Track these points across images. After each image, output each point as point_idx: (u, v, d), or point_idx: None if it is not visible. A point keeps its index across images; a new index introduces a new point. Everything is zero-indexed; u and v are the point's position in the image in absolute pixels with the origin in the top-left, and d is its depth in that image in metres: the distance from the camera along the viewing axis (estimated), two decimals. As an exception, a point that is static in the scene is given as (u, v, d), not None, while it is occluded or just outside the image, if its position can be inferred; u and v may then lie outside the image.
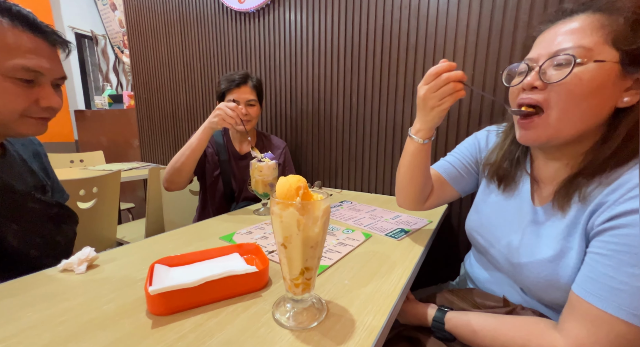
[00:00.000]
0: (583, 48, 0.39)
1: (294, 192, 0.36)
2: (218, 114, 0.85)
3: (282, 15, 1.21)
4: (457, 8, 0.87)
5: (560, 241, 0.43)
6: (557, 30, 0.42)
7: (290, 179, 0.37)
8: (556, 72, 0.41)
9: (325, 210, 0.37)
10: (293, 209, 0.35)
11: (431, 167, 0.66)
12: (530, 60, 0.44)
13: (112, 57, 3.21)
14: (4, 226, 0.53)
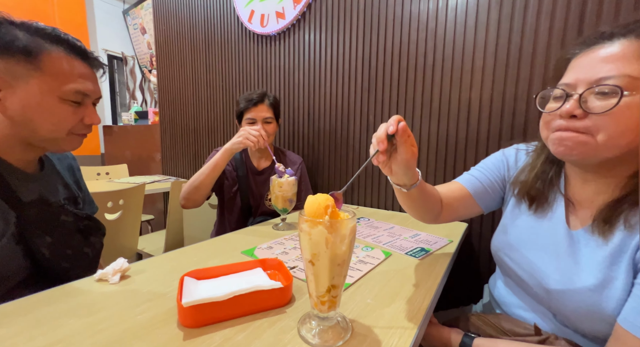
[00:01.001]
0: (629, 77, 0.37)
1: (322, 210, 0.38)
2: (242, 134, 0.90)
3: (301, 38, 1.28)
4: (474, 31, 0.89)
5: (603, 270, 0.41)
6: (596, 55, 0.40)
7: (319, 197, 0.39)
8: (599, 102, 0.39)
9: (352, 228, 0.39)
10: (322, 227, 0.37)
11: (455, 180, 0.65)
12: (567, 86, 0.42)
13: (139, 76, 3.42)
14: (39, 239, 0.56)
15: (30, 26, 0.51)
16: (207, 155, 1.77)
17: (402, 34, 1.03)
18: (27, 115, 0.51)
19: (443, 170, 0.99)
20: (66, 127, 0.55)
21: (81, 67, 0.56)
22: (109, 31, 3.36)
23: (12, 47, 0.49)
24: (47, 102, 0.52)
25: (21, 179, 0.56)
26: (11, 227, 0.51)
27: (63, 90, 0.53)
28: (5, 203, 0.51)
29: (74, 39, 0.56)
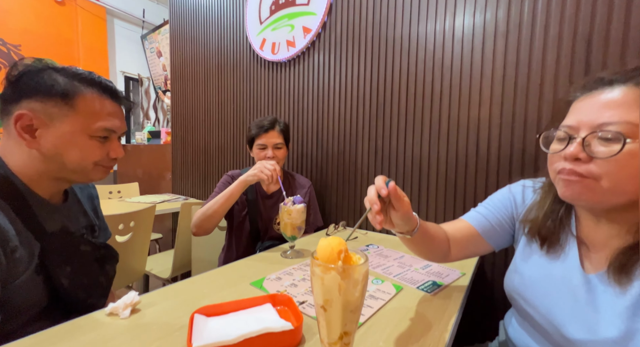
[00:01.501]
0: (631, 124, 0.38)
1: (335, 255, 0.38)
2: (257, 167, 0.93)
3: (310, 64, 1.32)
4: (481, 62, 0.91)
5: (625, 321, 0.39)
6: (597, 100, 0.41)
7: (332, 242, 0.39)
8: (603, 147, 0.39)
9: (365, 274, 0.38)
10: (335, 272, 0.37)
11: (462, 218, 0.64)
12: (570, 128, 0.43)
13: (153, 96, 3.56)
14: (60, 269, 0.57)
15: (69, 71, 0.55)
16: (216, 176, 1.80)
17: (409, 63, 1.06)
18: (57, 151, 0.54)
19: (453, 199, 0.98)
20: (92, 160, 0.58)
21: (110, 105, 0.59)
22: (127, 54, 3.55)
23: (52, 91, 0.52)
24: (77, 139, 0.55)
25: (47, 210, 0.58)
26: (35, 259, 0.52)
27: (93, 128, 0.56)
28: (31, 234, 0.53)
29: (106, 80, 0.60)
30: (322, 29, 1.28)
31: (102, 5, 3.22)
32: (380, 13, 1.12)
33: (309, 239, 1.05)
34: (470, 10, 0.93)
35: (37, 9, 2.78)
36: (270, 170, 0.93)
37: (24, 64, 0.55)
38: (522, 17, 0.84)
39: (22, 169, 0.55)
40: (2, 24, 2.59)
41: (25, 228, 0.52)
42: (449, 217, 0.99)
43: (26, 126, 0.52)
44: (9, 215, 0.50)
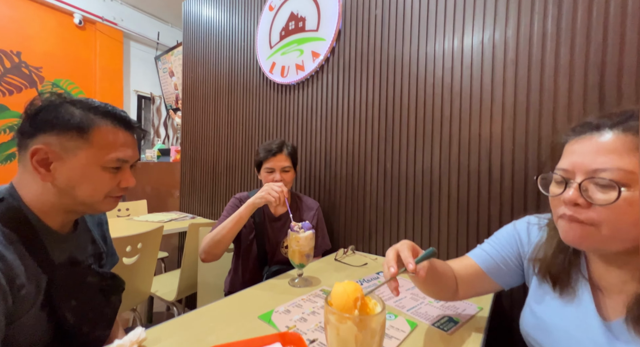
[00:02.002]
0: (624, 171, 0.38)
1: (351, 303, 0.36)
2: (265, 190, 0.93)
3: (319, 87, 1.35)
4: (491, 88, 0.91)
5: None
6: (588, 144, 0.42)
7: (348, 288, 0.38)
8: (601, 193, 0.39)
9: (382, 323, 0.37)
10: (351, 323, 0.35)
11: (468, 255, 0.63)
12: (565, 172, 0.44)
13: (164, 113, 3.65)
14: (65, 303, 0.55)
15: (85, 104, 0.56)
16: (224, 195, 1.80)
17: (417, 88, 1.07)
18: (70, 184, 0.54)
19: (466, 226, 0.95)
20: (104, 191, 0.58)
21: (124, 136, 0.59)
22: (141, 74, 3.68)
23: (68, 125, 0.53)
24: (90, 171, 0.55)
25: (56, 240, 0.57)
26: (41, 295, 0.51)
27: (106, 159, 0.56)
28: (39, 267, 0.52)
29: (121, 111, 0.61)
30: (331, 54, 1.31)
31: (119, 29, 3.38)
32: (388, 39, 1.14)
33: (316, 264, 1.02)
34: (479, 36, 0.94)
35: (59, 33, 2.94)
36: (277, 192, 0.93)
37: (43, 99, 0.56)
38: (531, 44, 0.85)
39: (36, 201, 0.55)
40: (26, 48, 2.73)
41: (33, 261, 0.52)
42: (462, 245, 0.96)
43: (41, 160, 0.53)
44: (19, 249, 0.50)
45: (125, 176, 0.61)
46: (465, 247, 0.95)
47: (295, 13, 1.44)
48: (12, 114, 2.67)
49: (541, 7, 0.84)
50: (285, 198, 0.95)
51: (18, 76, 2.69)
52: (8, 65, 2.63)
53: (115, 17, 3.34)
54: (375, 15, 1.18)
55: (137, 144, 0.64)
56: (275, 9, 1.52)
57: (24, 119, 0.55)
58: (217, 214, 1.85)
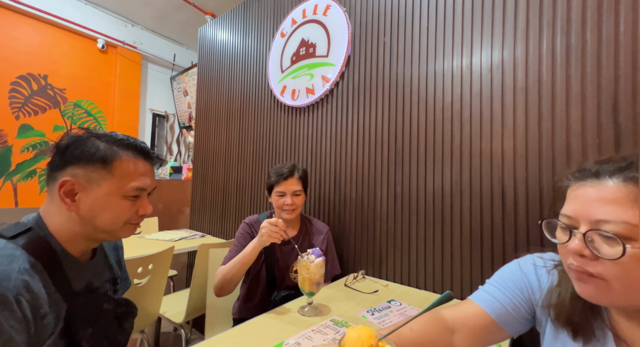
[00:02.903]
0: (628, 224, 0.36)
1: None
2: (264, 233, 0.92)
3: (329, 110, 1.37)
4: (501, 115, 0.92)
5: None
6: (589, 192, 0.40)
7: (362, 335, 0.37)
8: (607, 246, 0.37)
9: (398, 373, 0.36)
10: (366, 373, 0.34)
11: (472, 300, 0.56)
12: (569, 219, 0.42)
13: (177, 131, 3.77)
14: (82, 331, 0.56)
15: (110, 137, 0.59)
16: (233, 215, 1.82)
17: (427, 112, 1.08)
18: (92, 213, 0.56)
19: (480, 254, 0.93)
20: (123, 219, 0.60)
21: (143, 166, 0.62)
22: (157, 93, 3.84)
23: (93, 157, 0.56)
24: (111, 200, 0.57)
25: (76, 268, 0.59)
26: (60, 323, 0.52)
27: (126, 188, 0.58)
28: (60, 296, 0.54)
29: (141, 142, 0.64)
30: (341, 79, 1.35)
31: (139, 52, 3.57)
32: (396, 65, 1.17)
33: (326, 291, 1.00)
34: (487, 62, 0.96)
35: (83, 57, 3.12)
36: (277, 232, 0.91)
37: (72, 134, 0.60)
38: (540, 71, 0.86)
39: (60, 230, 0.57)
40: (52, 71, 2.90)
41: (55, 290, 0.53)
42: (476, 274, 0.93)
43: (68, 191, 0.55)
44: (43, 277, 0.52)
45: (143, 203, 0.63)
46: (479, 277, 0.93)
47: (306, 39, 1.50)
48: (36, 133, 2.80)
49: (549, 33, 0.85)
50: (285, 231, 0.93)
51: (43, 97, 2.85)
52: (35, 87, 2.80)
53: (135, 41, 3.53)
54: (384, 42, 1.22)
55: (154, 173, 0.67)
56: (286, 35, 1.59)
57: (54, 152, 0.59)
58: (226, 233, 1.86)
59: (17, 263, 0.48)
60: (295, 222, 1.17)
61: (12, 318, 0.45)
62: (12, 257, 0.49)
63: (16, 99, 2.69)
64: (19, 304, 0.46)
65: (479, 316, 0.53)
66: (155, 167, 0.68)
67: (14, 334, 0.45)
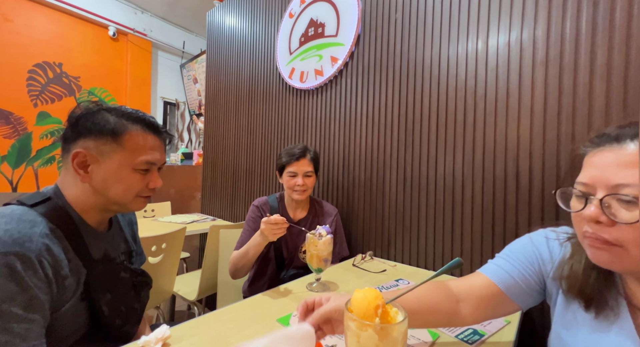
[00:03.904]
0: None
1: (372, 311, 0.36)
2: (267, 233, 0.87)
3: (338, 92, 1.35)
4: (518, 91, 0.88)
5: None
6: (608, 157, 0.39)
7: (369, 295, 0.37)
8: (625, 211, 0.36)
9: (404, 333, 0.36)
10: (372, 331, 0.34)
11: (480, 272, 0.56)
12: (584, 186, 0.41)
13: (188, 119, 3.81)
14: (101, 295, 0.59)
15: (119, 111, 0.60)
16: (243, 199, 1.84)
17: (439, 91, 1.04)
18: (105, 185, 0.58)
19: (491, 233, 0.91)
20: (134, 192, 0.61)
21: (153, 140, 0.63)
22: (167, 81, 3.87)
23: (104, 130, 0.57)
24: (122, 173, 0.59)
25: (94, 238, 0.61)
26: (80, 287, 0.55)
27: (136, 161, 0.59)
28: (80, 261, 0.56)
29: (150, 117, 0.64)
30: (350, 59, 1.32)
31: (149, 40, 3.58)
32: (408, 42, 1.13)
33: (334, 269, 1.02)
34: (505, 37, 0.91)
35: (95, 45, 3.16)
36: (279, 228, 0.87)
37: (83, 107, 0.61)
38: (563, 43, 0.81)
39: (76, 201, 0.59)
40: (67, 59, 2.96)
41: (75, 255, 0.56)
42: (487, 254, 0.92)
43: (81, 162, 0.57)
44: (63, 243, 0.54)
45: (153, 177, 0.65)
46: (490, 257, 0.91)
47: (315, 19, 1.46)
48: (53, 120, 2.89)
49: (574, 2, 0.80)
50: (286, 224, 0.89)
51: (59, 85, 2.92)
52: (51, 75, 2.86)
53: (145, 28, 3.54)
54: (395, 19, 1.17)
55: (164, 148, 0.68)
56: (295, 16, 1.55)
57: (67, 125, 0.60)
58: (236, 217, 1.89)
59: (38, 228, 0.51)
60: (304, 204, 1.18)
61: (35, 277, 0.47)
62: (33, 222, 0.51)
63: (34, 87, 2.76)
64: (41, 265, 0.48)
65: (487, 286, 0.53)
66: (165, 143, 0.69)
67: (38, 292, 0.47)
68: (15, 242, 0.46)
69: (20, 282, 0.45)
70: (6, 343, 0.43)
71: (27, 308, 0.46)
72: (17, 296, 0.45)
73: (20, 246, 0.47)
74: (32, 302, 0.47)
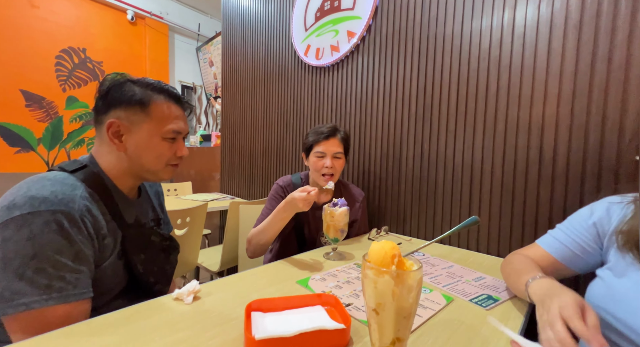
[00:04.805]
0: None
1: (389, 260, 0.38)
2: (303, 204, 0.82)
3: (354, 68, 1.33)
4: (547, 58, 0.83)
5: None
6: None
7: (385, 245, 0.39)
8: None
9: (419, 280, 0.38)
10: (388, 277, 0.36)
11: (537, 244, 0.62)
12: None
13: (205, 102, 3.88)
14: (136, 255, 0.65)
15: (143, 82, 0.63)
16: (260, 179, 1.89)
17: (460, 62, 1.01)
18: (138, 153, 0.63)
19: (510, 209, 0.90)
20: (164, 160, 0.65)
21: (176, 110, 0.66)
22: (184, 65, 3.92)
23: (132, 100, 0.61)
24: (153, 142, 0.63)
25: (126, 203, 0.67)
26: (118, 246, 0.61)
27: (164, 130, 0.63)
28: (116, 224, 0.62)
29: (172, 87, 0.67)
30: (367, 32, 1.28)
31: (165, 23, 3.61)
32: (429, 11, 1.08)
33: (350, 242, 1.05)
34: (535, 1, 0.85)
35: (115, 30, 3.23)
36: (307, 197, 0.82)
37: (109, 79, 0.65)
38: (600, 5, 0.75)
39: (111, 168, 0.64)
40: (90, 44, 3.05)
41: (111, 219, 0.61)
42: (505, 229, 0.91)
43: (115, 132, 0.61)
44: (101, 207, 0.59)
45: (180, 145, 0.68)
46: (508, 233, 0.91)
47: (331, -8, 1.42)
48: (81, 104, 3.03)
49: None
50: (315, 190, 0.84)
51: (84, 70, 3.03)
52: (76, 60, 2.97)
53: (162, 11, 3.56)
54: (415, -12, 1.12)
55: (186, 118, 0.71)
56: (311, -10, 1.51)
57: (97, 97, 0.64)
58: (254, 195, 1.95)
59: (78, 191, 0.56)
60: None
61: (80, 234, 0.53)
62: (74, 185, 0.56)
63: (61, 72, 2.89)
64: (84, 223, 0.54)
65: (547, 260, 0.59)
66: (187, 113, 0.72)
67: (83, 247, 0.53)
68: (61, 202, 0.51)
69: (68, 237, 0.51)
70: (60, 289, 0.49)
71: (75, 260, 0.52)
72: (66, 249, 0.51)
73: (66, 206, 0.52)
74: (79, 255, 0.52)
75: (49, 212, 0.50)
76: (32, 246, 0.48)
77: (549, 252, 0.59)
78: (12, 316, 0.47)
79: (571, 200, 0.79)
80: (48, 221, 0.49)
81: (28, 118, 2.72)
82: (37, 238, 0.48)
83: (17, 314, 0.46)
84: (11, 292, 0.46)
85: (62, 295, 0.49)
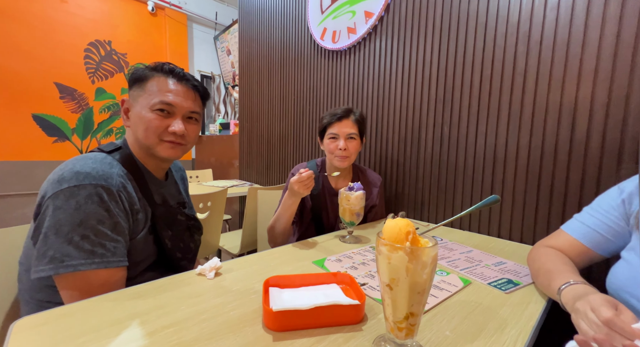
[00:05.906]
0: None
1: (403, 236, 0.38)
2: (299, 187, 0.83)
3: (371, 49, 1.29)
4: (584, 30, 0.76)
5: None
6: None
7: (400, 222, 0.39)
8: None
9: (434, 257, 0.37)
10: (402, 253, 0.37)
11: (564, 231, 0.59)
12: None
13: (223, 91, 3.93)
14: (164, 231, 0.69)
15: (150, 65, 0.67)
16: (278, 165, 1.92)
17: (485, 40, 0.95)
18: (134, 127, 0.66)
19: (536, 193, 0.86)
20: (154, 132, 0.65)
21: (174, 84, 0.66)
22: (202, 54, 3.98)
23: (135, 80, 0.66)
24: (142, 113, 0.64)
25: (155, 184, 0.71)
26: (148, 222, 0.65)
27: (152, 102, 0.64)
28: (146, 201, 0.66)
29: (174, 66, 0.68)
30: (385, 12, 1.23)
31: (184, 13, 3.65)
32: (452, -13, 1.02)
33: (366, 226, 1.05)
34: (571, -32, 0.78)
35: (137, 21, 3.31)
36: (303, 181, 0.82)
37: (133, 67, 0.71)
38: (648, -33, 0.67)
39: (133, 148, 0.68)
40: (114, 37, 3.16)
41: (142, 196, 0.65)
42: (529, 218, 0.87)
43: (125, 109, 0.67)
44: (133, 184, 0.64)
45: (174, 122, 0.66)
46: (533, 218, 0.87)
47: (349, -29, 1.36)
48: (108, 95, 3.18)
49: None
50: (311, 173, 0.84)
51: (110, 62, 3.16)
52: (103, 53, 3.10)
53: (180, 1, 3.60)
54: (438, -40, 1.05)
55: (190, 96, 0.68)
56: (327, -30, 1.46)
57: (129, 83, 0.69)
58: (272, 182, 1.99)
59: (115, 169, 0.60)
60: (346, 172, 1.08)
61: (117, 207, 0.58)
62: (111, 164, 0.61)
63: (90, 65, 3.03)
64: (120, 198, 0.58)
65: (575, 248, 0.57)
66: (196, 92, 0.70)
67: (120, 219, 0.57)
68: (101, 177, 0.56)
69: (108, 209, 0.56)
70: (102, 255, 0.55)
71: (113, 230, 0.57)
72: (106, 220, 0.56)
73: (105, 181, 0.57)
74: (117, 226, 0.57)
75: (91, 185, 0.55)
76: (78, 214, 0.53)
77: (577, 238, 0.57)
78: (63, 275, 0.53)
79: (604, 183, 0.74)
80: (91, 193, 0.54)
81: (62, 109, 2.89)
82: (82, 208, 0.53)
83: (67, 274, 0.52)
84: (62, 255, 0.52)
85: (103, 261, 0.54)
